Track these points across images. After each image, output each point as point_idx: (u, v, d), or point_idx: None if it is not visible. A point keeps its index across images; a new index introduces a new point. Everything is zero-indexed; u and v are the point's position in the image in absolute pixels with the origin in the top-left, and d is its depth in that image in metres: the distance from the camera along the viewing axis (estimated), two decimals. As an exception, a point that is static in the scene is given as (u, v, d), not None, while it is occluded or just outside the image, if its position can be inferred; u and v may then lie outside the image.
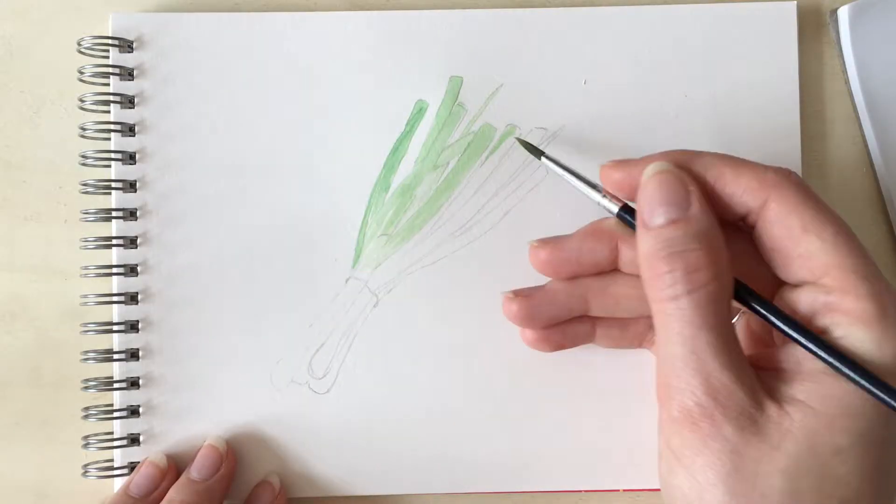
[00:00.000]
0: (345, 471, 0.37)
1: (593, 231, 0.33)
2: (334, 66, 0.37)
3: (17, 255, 0.38)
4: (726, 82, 0.37)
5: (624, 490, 0.37)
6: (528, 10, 0.37)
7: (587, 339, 0.35)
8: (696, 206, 0.29)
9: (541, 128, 0.37)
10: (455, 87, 0.37)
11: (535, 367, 0.37)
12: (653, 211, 0.29)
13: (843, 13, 0.37)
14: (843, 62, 0.38)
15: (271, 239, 0.37)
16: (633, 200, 0.31)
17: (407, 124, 0.37)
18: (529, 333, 0.34)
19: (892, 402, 0.27)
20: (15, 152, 0.38)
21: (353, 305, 0.37)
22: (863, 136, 0.38)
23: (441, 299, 0.37)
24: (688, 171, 0.30)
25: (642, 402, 0.36)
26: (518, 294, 0.34)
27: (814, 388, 0.27)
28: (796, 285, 0.30)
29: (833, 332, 0.28)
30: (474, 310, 0.37)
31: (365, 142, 0.37)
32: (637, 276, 0.31)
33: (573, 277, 0.33)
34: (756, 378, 0.28)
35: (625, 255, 0.32)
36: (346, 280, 0.37)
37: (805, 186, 0.29)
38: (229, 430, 0.37)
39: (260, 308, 0.37)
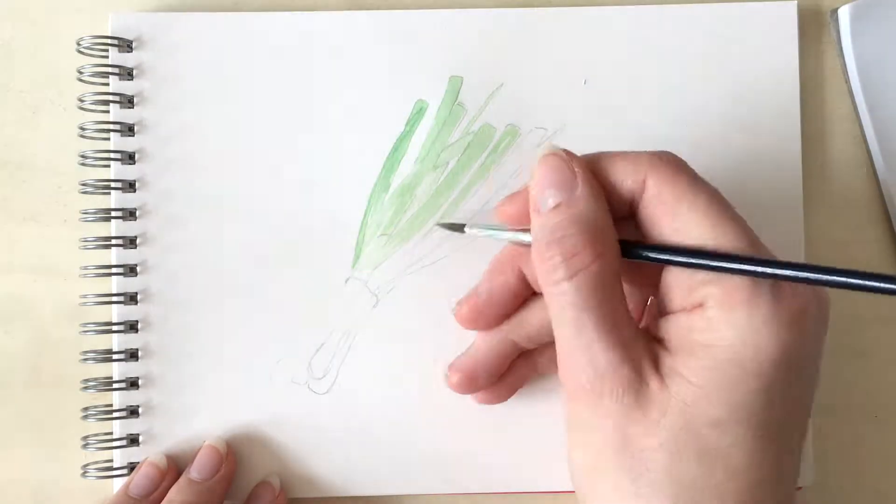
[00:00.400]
0: (344, 471, 0.36)
1: (495, 265, 0.34)
2: (334, 66, 0.37)
3: (16, 254, 0.38)
4: (727, 82, 0.37)
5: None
6: (528, 10, 0.37)
7: (532, 372, 0.36)
8: (581, 188, 0.29)
9: (541, 128, 0.37)
10: (455, 86, 0.37)
11: (535, 367, 0.37)
12: (541, 193, 0.30)
13: (844, 13, 0.37)
14: (844, 62, 0.38)
15: (271, 239, 0.37)
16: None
17: (407, 124, 0.37)
18: (479, 396, 0.35)
19: (787, 273, 0.27)
20: (14, 152, 0.38)
21: (353, 305, 0.37)
22: (863, 135, 0.38)
23: (441, 299, 0.37)
24: (575, 157, 0.30)
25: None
26: (453, 367, 0.35)
27: (692, 362, 0.28)
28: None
29: (707, 304, 0.28)
30: (474, 310, 0.37)
31: (365, 142, 0.37)
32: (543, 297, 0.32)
33: (498, 321, 0.34)
34: (646, 352, 0.28)
35: (529, 274, 0.33)
36: (346, 280, 0.37)
37: (680, 163, 0.30)
38: (229, 430, 0.36)
39: (259, 308, 0.37)
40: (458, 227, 0.35)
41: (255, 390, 0.36)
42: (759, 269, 0.27)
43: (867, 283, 0.26)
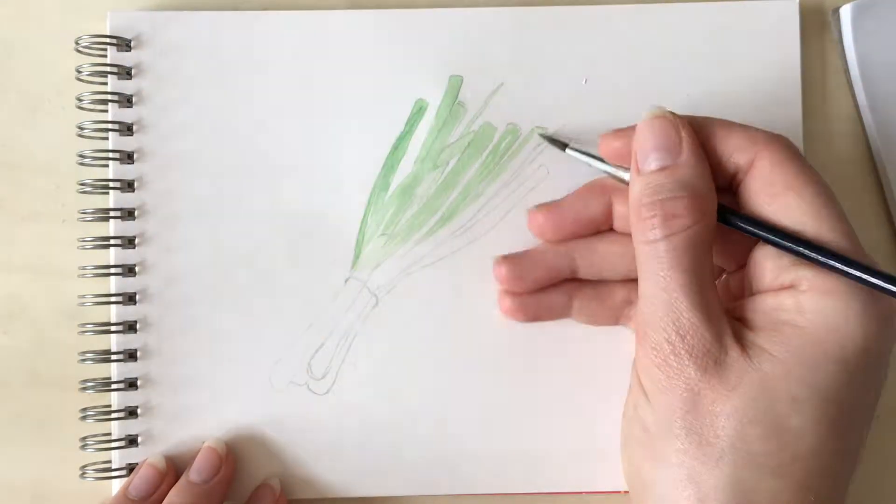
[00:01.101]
0: (344, 472, 0.36)
1: (589, 188, 0.34)
2: (333, 65, 0.37)
3: (14, 254, 0.38)
4: (728, 81, 0.37)
5: (625, 491, 0.37)
6: (528, 9, 0.37)
7: (564, 311, 0.35)
8: (686, 153, 0.30)
9: (541, 127, 0.37)
10: (455, 86, 0.37)
11: (536, 367, 0.36)
12: (646, 156, 0.30)
13: (846, 11, 0.37)
14: (846, 60, 0.38)
15: (270, 239, 0.37)
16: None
17: (407, 124, 0.37)
18: (507, 301, 0.35)
19: (888, 287, 0.27)
20: (12, 152, 0.38)
21: (352, 305, 0.37)
22: (865, 134, 0.38)
23: (441, 299, 0.37)
24: (683, 122, 0.30)
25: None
26: (506, 257, 0.35)
27: (777, 338, 0.28)
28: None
29: (799, 286, 0.28)
30: (474, 310, 0.37)
31: (364, 141, 0.37)
32: (624, 235, 0.33)
33: (568, 238, 0.34)
34: (727, 323, 0.29)
35: (617, 210, 0.34)
36: (346, 280, 0.37)
37: (794, 148, 0.30)
38: (228, 431, 0.36)
39: (259, 308, 0.37)
40: (561, 145, 0.35)
41: (255, 391, 0.36)
42: (851, 271, 0.27)
43: None
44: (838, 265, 0.28)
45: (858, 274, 0.27)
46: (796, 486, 0.27)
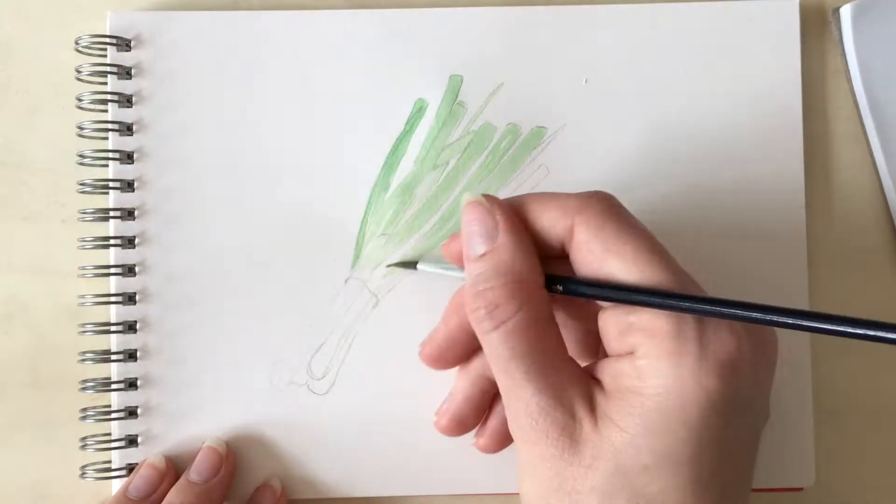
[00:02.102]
0: (344, 472, 0.36)
1: (450, 307, 0.34)
2: (333, 65, 0.37)
3: (14, 255, 0.38)
4: (728, 81, 0.37)
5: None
6: (528, 9, 0.37)
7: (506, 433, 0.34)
8: (502, 236, 0.30)
9: (541, 127, 0.37)
10: (455, 85, 0.37)
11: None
12: (468, 243, 0.30)
13: (846, 11, 0.37)
14: (846, 61, 0.38)
15: (270, 239, 0.37)
16: None
17: (407, 123, 0.37)
18: (480, 445, 0.35)
19: (722, 310, 0.27)
20: (12, 152, 0.38)
21: (352, 305, 0.37)
22: (865, 134, 0.38)
23: (441, 299, 0.37)
24: (500, 204, 0.30)
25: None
26: (439, 413, 0.35)
27: (623, 407, 0.28)
28: (608, 308, 0.30)
29: (636, 352, 0.28)
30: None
31: (364, 141, 0.37)
32: None
33: (461, 360, 0.34)
34: (581, 395, 0.28)
35: None
36: (346, 280, 0.37)
37: (608, 208, 0.29)
38: (228, 431, 0.36)
39: (259, 308, 0.37)
40: (411, 265, 0.36)
41: (255, 391, 0.36)
42: (675, 302, 0.27)
43: (784, 319, 0.26)
44: (658, 300, 0.27)
45: (680, 303, 0.27)
46: None
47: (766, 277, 0.37)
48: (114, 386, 0.36)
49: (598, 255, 0.29)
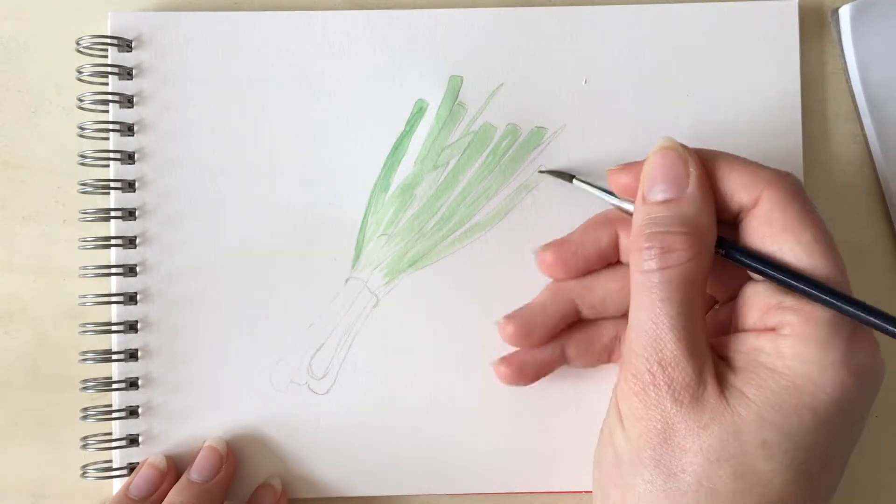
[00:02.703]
0: (344, 471, 0.36)
1: (595, 221, 0.34)
2: (334, 66, 0.37)
3: (15, 254, 0.38)
4: (727, 81, 0.37)
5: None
6: (528, 10, 0.37)
7: (559, 362, 0.35)
8: (692, 187, 0.30)
9: (541, 127, 0.37)
10: (455, 86, 0.37)
11: (535, 367, 0.37)
12: (652, 186, 0.30)
13: (845, 12, 0.37)
14: (845, 61, 0.38)
15: (271, 239, 0.37)
16: None
17: (407, 124, 0.37)
18: (504, 369, 0.35)
19: (878, 322, 0.27)
20: (13, 152, 0.38)
21: (352, 305, 0.37)
22: (864, 134, 0.38)
23: (441, 299, 0.37)
24: (694, 155, 0.30)
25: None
26: (510, 316, 0.35)
27: (754, 380, 0.28)
28: (760, 281, 0.30)
29: (782, 330, 0.28)
30: (474, 309, 0.37)
31: (365, 141, 0.37)
32: (622, 271, 0.33)
33: (578, 274, 0.34)
34: (710, 360, 0.29)
35: (623, 242, 0.34)
36: (346, 280, 0.37)
37: (798, 188, 0.30)
38: (228, 430, 0.36)
39: (259, 308, 0.37)
40: (567, 177, 0.36)
41: (255, 391, 0.36)
42: (845, 306, 0.28)
43: None
44: (828, 298, 0.28)
45: (848, 308, 0.27)
46: None
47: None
48: (115, 385, 0.36)
49: (775, 232, 0.29)
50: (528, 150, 0.37)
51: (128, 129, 0.37)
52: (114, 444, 0.36)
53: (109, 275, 0.36)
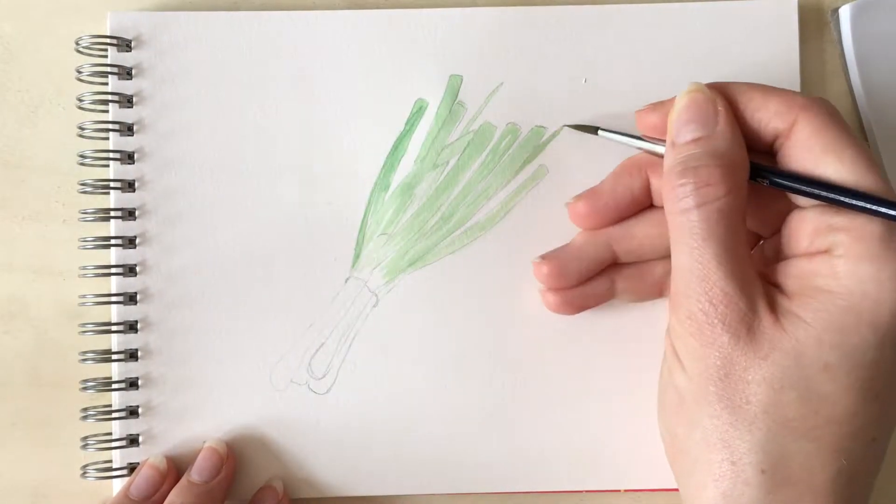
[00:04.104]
0: (344, 471, 0.36)
1: (624, 168, 0.34)
2: (333, 65, 0.37)
3: (15, 254, 0.38)
4: (727, 80, 0.37)
5: (625, 490, 0.37)
6: (528, 9, 0.37)
7: (608, 295, 0.35)
8: (722, 125, 0.30)
9: (541, 126, 0.37)
10: (455, 85, 0.37)
11: (535, 366, 0.37)
12: (680, 129, 0.30)
13: (845, 12, 0.37)
14: (845, 61, 0.38)
15: (270, 239, 0.37)
16: None
17: (406, 123, 0.37)
18: (552, 297, 0.35)
19: None
20: (13, 152, 0.38)
21: (352, 305, 0.37)
22: (864, 134, 0.38)
23: (441, 299, 0.37)
24: (721, 94, 0.30)
25: (643, 402, 0.35)
26: (546, 256, 0.35)
27: (810, 304, 0.28)
28: (806, 207, 0.30)
29: (834, 251, 0.28)
30: (474, 309, 0.37)
31: (364, 141, 0.37)
32: (659, 216, 0.33)
33: (610, 223, 0.34)
34: (761, 290, 0.29)
35: (655, 185, 0.34)
36: (346, 280, 0.37)
37: (833, 112, 0.30)
38: (228, 430, 0.36)
39: (259, 308, 0.37)
40: (591, 129, 0.35)
41: (255, 391, 0.36)
42: (892, 212, 0.27)
43: None
44: (881, 209, 0.27)
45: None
46: (829, 449, 0.27)
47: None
48: (115, 385, 0.36)
49: (816, 154, 0.29)
50: (527, 149, 0.37)
51: (127, 129, 0.37)
52: (114, 444, 0.36)
53: (109, 275, 0.36)
